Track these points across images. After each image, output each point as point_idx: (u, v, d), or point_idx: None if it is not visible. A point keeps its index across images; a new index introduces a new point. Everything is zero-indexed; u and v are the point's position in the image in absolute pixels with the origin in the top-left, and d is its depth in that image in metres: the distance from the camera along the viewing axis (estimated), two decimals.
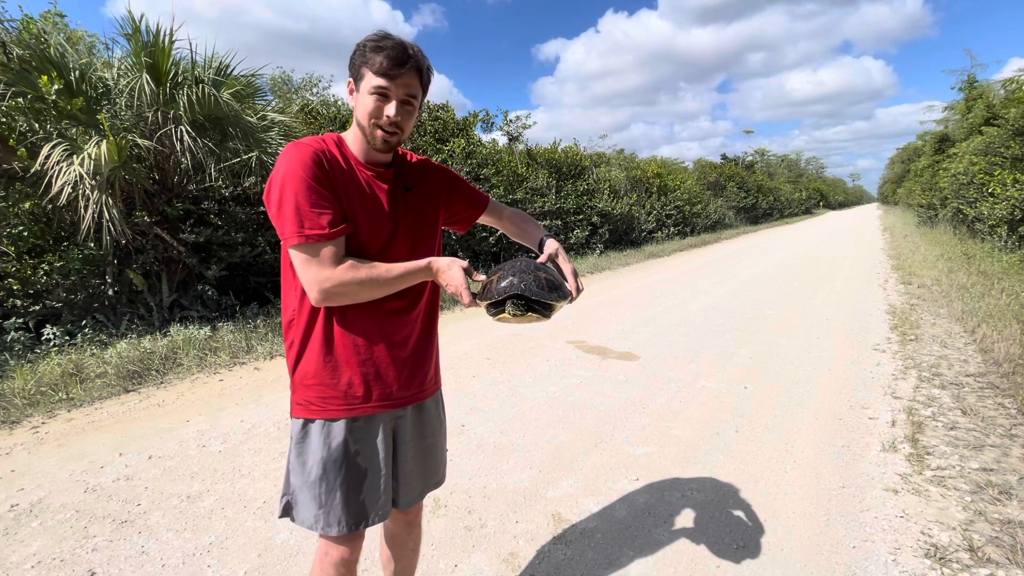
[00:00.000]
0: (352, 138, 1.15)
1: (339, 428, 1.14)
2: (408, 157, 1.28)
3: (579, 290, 1.19)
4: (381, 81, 1.05)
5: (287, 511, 1.19)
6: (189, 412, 3.33)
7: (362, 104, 1.08)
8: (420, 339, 1.24)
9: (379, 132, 1.09)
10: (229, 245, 5.84)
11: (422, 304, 1.24)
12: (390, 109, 1.07)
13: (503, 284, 1.09)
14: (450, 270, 1.10)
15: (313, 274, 1.04)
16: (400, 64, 1.05)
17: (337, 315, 1.12)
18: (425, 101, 1.20)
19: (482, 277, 1.17)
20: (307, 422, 1.14)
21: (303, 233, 1.02)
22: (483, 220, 1.46)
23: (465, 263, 1.11)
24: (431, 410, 1.31)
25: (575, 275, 1.20)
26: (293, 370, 1.17)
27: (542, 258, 1.23)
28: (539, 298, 1.09)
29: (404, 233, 1.18)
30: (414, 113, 1.13)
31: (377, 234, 1.13)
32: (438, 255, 1.19)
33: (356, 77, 1.09)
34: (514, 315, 1.09)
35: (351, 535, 1.17)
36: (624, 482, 2.40)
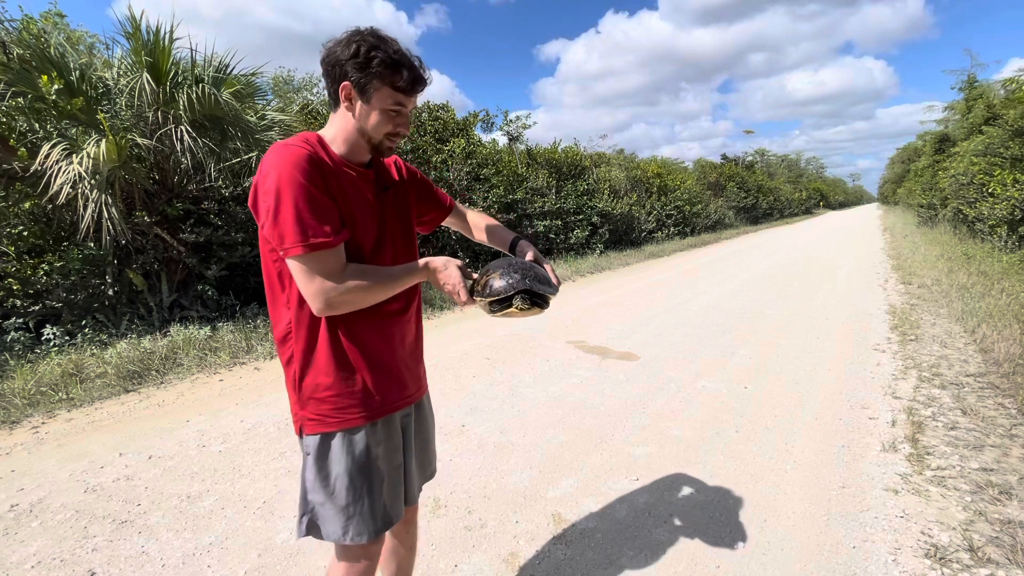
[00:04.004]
0: (337, 139, 1.11)
1: (360, 435, 1.12)
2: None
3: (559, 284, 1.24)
4: (401, 98, 1.06)
5: (310, 529, 1.14)
6: (189, 412, 3.33)
7: (376, 118, 1.06)
8: (415, 338, 1.27)
9: (387, 144, 1.11)
10: (229, 245, 5.84)
11: (415, 304, 1.26)
12: (406, 124, 1.10)
13: (509, 281, 1.12)
14: (447, 269, 1.12)
15: (318, 285, 0.99)
16: (422, 83, 1.08)
17: (341, 322, 1.09)
18: (427, 102, 1.22)
19: (474, 276, 1.19)
20: (326, 436, 1.11)
21: (308, 243, 0.97)
22: (447, 223, 1.48)
23: (459, 262, 1.13)
24: (426, 405, 1.37)
25: (553, 272, 1.24)
26: (298, 385, 1.11)
27: (529, 256, 1.26)
28: (543, 292, 1.14)
29: (390, 234, 1.18)
30: None
31: (368, 236, 1.12)
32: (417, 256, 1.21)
33: (363, 88, 1.04)
34: (521, 309, 1.13)
35: (377, 540, 1.17)
36: (624, 482, 2.40)
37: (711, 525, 2.08)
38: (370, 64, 1.02)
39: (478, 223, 1.47)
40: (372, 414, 1.13)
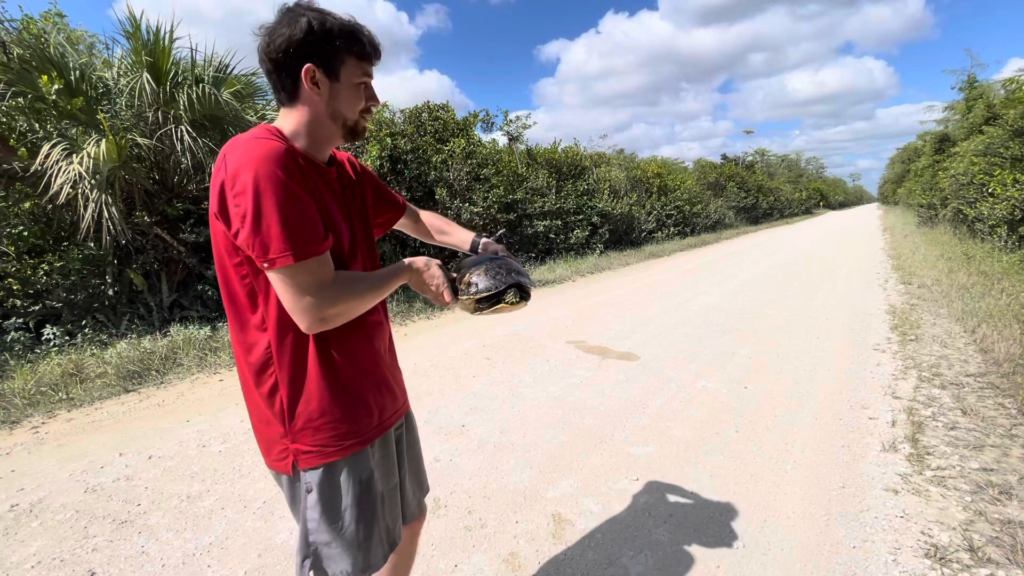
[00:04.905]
0: (299, 133, 0.98)
1: (363, 460, 1.04)
2: (333, 152, 1.16)
3: None
4: (368, 67, 0.98)
5: (315, 569, 1.03)
6: (189, 412, 3.33)
7: (347, 96, 0.97)
8: (391, 344, 1.22)
9: (362, 123, 1.02)
10: None
11: (386, 309, 1.22)
12: (375, 97, 1.02)
13: (497, 277, 1.12)
14: (430, 269, 1.08)
15: (310, 299, 0.88)
16: (378, 47, 1.00)
17: (332, 338, 0.99)
18: (427, 102, 1.19)
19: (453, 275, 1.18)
20: (330, 468, 1.01)
21: (299, 251, 0.85)
22: (399, 225, 1.41)
23: (439, 261, 1.11)
24: (411, 415, 1.31)
25: None
26: (287, 417, 0.98)
27: (500, 252, 1.27)
28: (530, 286, 1.17)
29: (358, 236, 1.10)
30: None
31: (345, 240, 1.03)
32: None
33: (329, 64, 0.94)
34: (512, 304, 1.13)
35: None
36: (624, 482, 2.40)
37: (711, 525, 2.08)
38: (330, 37, 0.93)
39: (434, 224, 1.42)
40: (372, 434, 1.06)
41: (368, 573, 1.06)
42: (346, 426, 1.01)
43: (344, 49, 0.95)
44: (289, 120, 0.99)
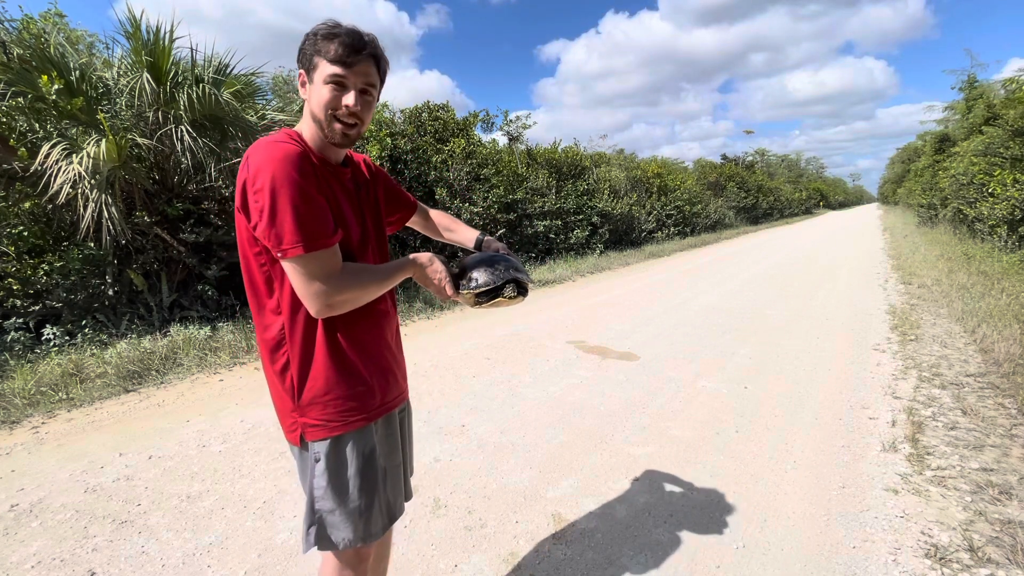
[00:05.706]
0: (308, 135, 1.08)
1: (367, 435, 1.12)
2: (349, 154, 1.23)
3: None
4: (337, 69, 1.01)
5: (320, 540, 1.11)
6: (189, 412, 3.33)
7: (317, 95, 1.03)
8: (397, 334, 1.30)
9: (337, 124, 1.04)
10: (229, 245, 5.83)
11: (394, 302, 1.29)
12: (349, 99, 1.02)
13: (496, 272, 1.17)
14: (432, 264, 1.16)
15: (318, 286, 0.97)
16: (356, 51, 1.01)
17: (340, 324, 1.08)
18: (427, 102, 1.21)
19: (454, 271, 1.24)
20: (336, 441, 1.09)
21: (309, 243, 0.95)
22: (410, 223, 1.50)
23: (442, 256, 1.18)
24: (409, 402, 1.41)
25: None
26: (297, 392, 1.08)
27: (501, 250, 1.32)
28: (527, 282, 1.21)
29: (369, 232, 1.18)
30: (373, 104, 1.09)
31: (355, 235, 1.11)
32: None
33: (308, 67, 1.04)
34: (510, 298, 1.18)
35: (377, 541, 1.17)
36: (624, 482, 2.40)
37: (711, 525, 2.08)
38: (311, 43, 1.02)
39: (443, 222, 1.51)
40: (375, 414, 1.14)
41: (368, 542, 1.13)
42: (350, 403, 1.09)
43: (316, 53, 1.02)
44: (301, 122, 1.10)
